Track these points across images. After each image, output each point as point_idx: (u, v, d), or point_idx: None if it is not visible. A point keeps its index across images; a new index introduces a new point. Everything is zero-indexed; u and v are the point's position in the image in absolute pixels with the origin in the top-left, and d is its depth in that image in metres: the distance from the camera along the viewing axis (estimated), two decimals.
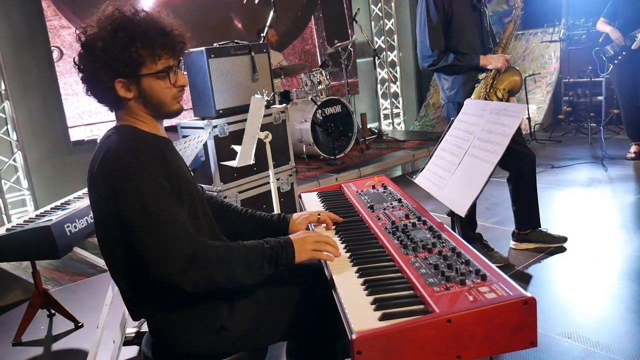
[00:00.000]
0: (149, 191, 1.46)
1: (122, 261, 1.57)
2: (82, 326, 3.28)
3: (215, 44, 3.93)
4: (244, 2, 6.60)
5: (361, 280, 1.51)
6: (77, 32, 1.59)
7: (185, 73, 3.55)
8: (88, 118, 5.13)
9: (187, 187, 1.63)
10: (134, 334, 2.96)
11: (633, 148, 5.55)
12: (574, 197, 4.62)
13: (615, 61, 5.38)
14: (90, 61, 1.54)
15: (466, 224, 3.41)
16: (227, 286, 1.55)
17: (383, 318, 1.29)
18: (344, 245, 1.77)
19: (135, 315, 1.67)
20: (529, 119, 6.83)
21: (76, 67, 1.59)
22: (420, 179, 2.24)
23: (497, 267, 1.43)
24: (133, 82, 1.56)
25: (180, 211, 1.52)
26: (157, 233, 1.45)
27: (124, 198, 1.45)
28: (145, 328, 2.99)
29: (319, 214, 1.97)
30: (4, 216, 4.55)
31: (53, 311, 3.40)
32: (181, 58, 1.66)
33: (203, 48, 3.75)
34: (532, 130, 6.87)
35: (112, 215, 1.49)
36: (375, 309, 1.33)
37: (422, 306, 1.33)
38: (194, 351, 1.63)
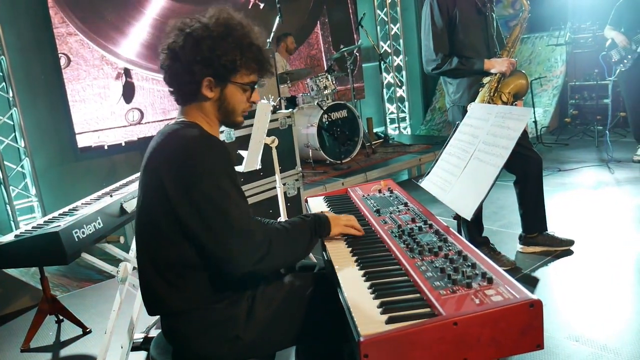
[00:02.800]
0: (227, 188, 1.54)
1: (159, 251, 1.61)
2: (90, 332, 3.30)
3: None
4: (249, 7, 6.62)
5: (368, 283, 1.51)
6: (186, 21, 1.65)
7: None
8: (95, 124, 5.15)
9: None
10: (141, 340, 2.97)
11: None
12: (581, 200, 4.61)
13: (621, 65, 5.37)
14: (192, 53, 1.60)
15: (473, 228, 3.41)
16: (292, 263, 1.73)
17: (390, 321, 1.29)
18: (350, 248, 1.78)
19: (153, 310, 1.70)
20: (535, 122, 6.82)
21: (169, 52, 1.64)
22: (426, 183, 2.24)
23: (504, 270, 1.42)
24: (220, 84, 1.65)
25: (247, 203, 1.61)
26: (238, 228, 1.52)
27: (206, 191, 1.51)
28: (152, 333, 3.00)
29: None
30: (12, 223, 4.58)
31: (61, 317, 3.41)
32: (264, 77, 1.77)
33: None
34: (539, 133, 6.85)
35: (173, 208, 1.53)
36: (382, 313, 1.34)
37: (428, 309, 1.33)
38: (205, 356, 1.64)
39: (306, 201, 2.49)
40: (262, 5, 6.68)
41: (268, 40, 5.63)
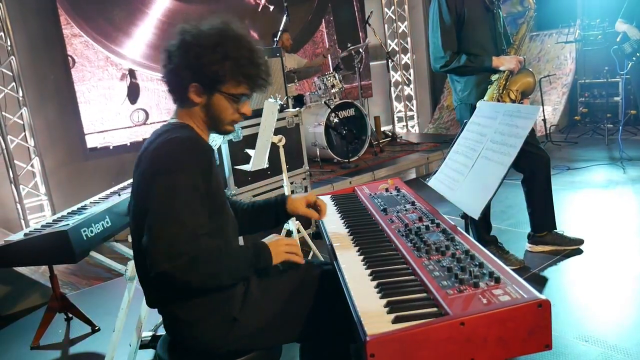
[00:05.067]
0: (182, 189, 1.52)
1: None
2: (99, 330, 3.32)
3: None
4: (259, 10, 6.63)
5: (374, 283, 1.51)
6: (184, 26, 1.66)
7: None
8: (100, 125, 5.17)
9: (220, 195, 1.72)
10: (150, 337, 2.97)
11: None
12: (591, 199, 4.57)
13: (634, 58, 5.33)
14: (182, 57, 1.62)
15: (481, 227, 3.39)
16: (209, 287, 1.60)
17: (396, 321, 1.29)
18: (357, 248, 1.78)
19: (152, 301, 1.72)
20: (544, 120, 6.77)
21: (165, 53, 1.67)
22: (433, 182, 2.23)
23: (513, 269, 1.42)
24: (206, 92, 1.66)
25: (200, 214, 1.56)
26: (169, 229, 1.49)
27: (158, 188, 1.52)
28: (161, 331, 3.01)
29: (317, 196, 2.06)
30: (22, 221, 4.62)
31: (70, 315, 3.43)
32: (256, 92, 1.75)
33: None
34: (548, 131, 6.81)
35: (143, 202, 1.56)
36: (389, 312, 1.33)
37: (435, 309, 1.32)
38: (207, 343, 1.65)
39: None
40: (271, 8, 6.69)
41: (275, 39, 5.63)
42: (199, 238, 1.52)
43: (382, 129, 7.42)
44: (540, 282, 3.16)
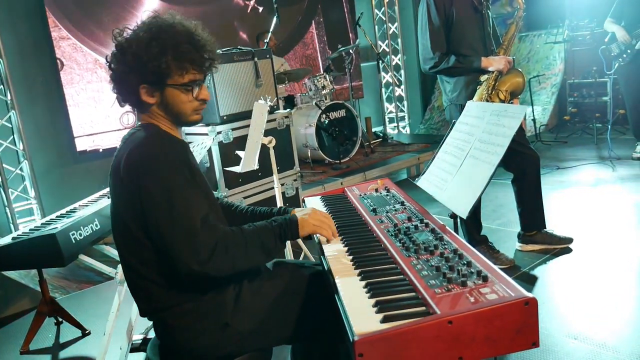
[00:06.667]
0: (174, 182, 1.51)
1: (136, 254, 1.61)
2: (89, 334, 3.30)
3: (218, 50, 3.94)
4: (248, 11, 6.62)
5: (363, 282, 1.51)
6: (115, 32, 1.64)
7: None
8: (90, 129, 5.14)
9: (205, 187, 1.70)
10: (140, 341, 2.96)
11: (639, 147, 5.52)
12: (580, 198, 4.60)
13: (620, 59, 5.37)
14: (121, 63, 1.60)
15: (471, 226, 3.41)
16: (246, 268, 1.60)
17: (385, 320, 1.29)
18: (346, 248, 1.78)
19: (144, 310, 1.70)
20: (534, 120, 6.81)
21: (107, 64, 1.65)
22: (422, 182, 2.24)
23: (503, 268, 1.43)
24: (157, 89, 1.62)
25: (202, 201, 1.56)
26: (181, 223, 1.48)
27: (148, 189, 1.50)
28: (151, 335, 3.00)
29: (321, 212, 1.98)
30: (12, 225, 4.58)
31: (60, 319, 3.41)
32: (208, 73, 1.71)
33: None
34: (538, 131, 6.85)
35: (132, 207, 1.53)
36: (377, 312, 1.34)
37: (423, 308, 1.33)
38: (198, 349, 1.64)
39: (303, 201, 2.49)
40: (261, 9, 6.69)
41: (266, 41, 5.63)
42: (213, 225, 1.52)
43: (373, 129, 7.43)
44: (530, 281, 3.17)
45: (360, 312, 1.35)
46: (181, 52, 1.59)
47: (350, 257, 1.69)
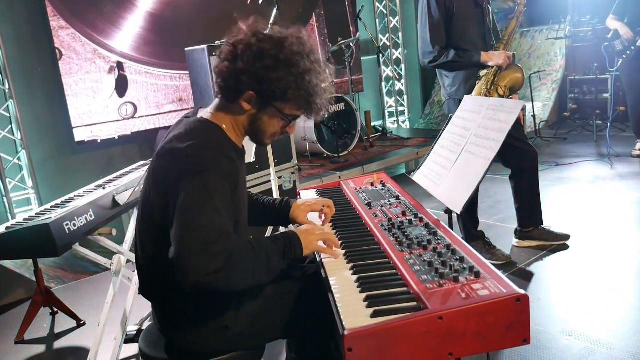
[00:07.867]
0: (214, 190, 1.46)
1: (154, 241, 1.59)
2: (84, 324, 3.30)
3: (217, 42, 3.93)
4: (248, 2, 6.58)
5: (355, 277, 1.51)
6: (260, 29, 1.59)
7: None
8: (88, 119, 5.12)
9: (243, 196, 1.68)
10: (135, 332, 2.97)
11: (639, 145, 5.51)
12: (578, 195, 4.59)
13: (624, 56, 5.34)
14: (248, 63, 1.53)
15: (468, 222, 3.40)
16: (250, 284, 1.54)
17: (375, 315, 1.28)
18: (340, 242, 1.77)
19: (149, 294, 1.70)
20: (534, 116, 6.79)
21: (230, 48, 1.58)
22: (418, 176, 2.23)
23: (499, 265, 1.42)
24: (260, 103, 1.58)
25: (227, 213, 1.50)
26: (200, 233, 1.42)
27: (190, 187, 1.45)
28: (146, 326, 3.00)
29: (323, 206, 1.96)
30: (9, 215, 4.57)
31: (55, 309, 3.41)
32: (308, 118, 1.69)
33: (204, 46, 3.75)
34: (538, 127, 6.83)
35: (165, 198, 1.49)
36: (368, 306, 1.33)
37: (414, 303, 1.32)
38: (195, 348, 1.64)
39: (299, 194, 2.48)
40: (261, 1, 6.65)
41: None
42: (231, 236, 1.46)
43: (373, 124, 7.41)
44: (526, 277, 3.17)
45: (351, 307, 1.34)
46: (310, 93, 1.56)
47: (344, 252, 1.69)
